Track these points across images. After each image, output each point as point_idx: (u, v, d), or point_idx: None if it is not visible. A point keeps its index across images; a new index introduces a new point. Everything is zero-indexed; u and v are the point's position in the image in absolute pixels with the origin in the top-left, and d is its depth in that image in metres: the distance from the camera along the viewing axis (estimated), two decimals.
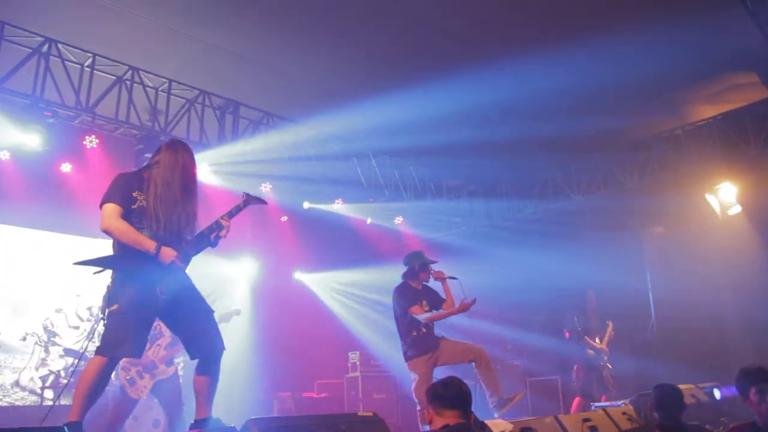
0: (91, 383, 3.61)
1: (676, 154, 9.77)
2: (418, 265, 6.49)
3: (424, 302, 6.38)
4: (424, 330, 6.29)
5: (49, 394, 8.62)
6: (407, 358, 6.28)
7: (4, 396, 8.40)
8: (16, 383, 8.58)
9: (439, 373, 5.42)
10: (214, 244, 4.10)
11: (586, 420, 5.37)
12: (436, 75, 8.20)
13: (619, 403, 6.51)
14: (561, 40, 7.20)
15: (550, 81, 8.22)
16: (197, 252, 4.10)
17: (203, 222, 4.13)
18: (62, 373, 8.82)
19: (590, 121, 9.28)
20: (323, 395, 10.43)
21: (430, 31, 7.38)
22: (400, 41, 7.53)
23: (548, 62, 7.80)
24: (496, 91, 8.39)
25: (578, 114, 9.05)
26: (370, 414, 4.21)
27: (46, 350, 8.90)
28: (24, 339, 8.74)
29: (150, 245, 3.76)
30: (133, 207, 3.86)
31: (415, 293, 6.41)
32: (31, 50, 7.07)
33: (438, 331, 6.46)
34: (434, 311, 6.37)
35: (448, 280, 6.49)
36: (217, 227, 4.06)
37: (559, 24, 7.24)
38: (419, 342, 6.23)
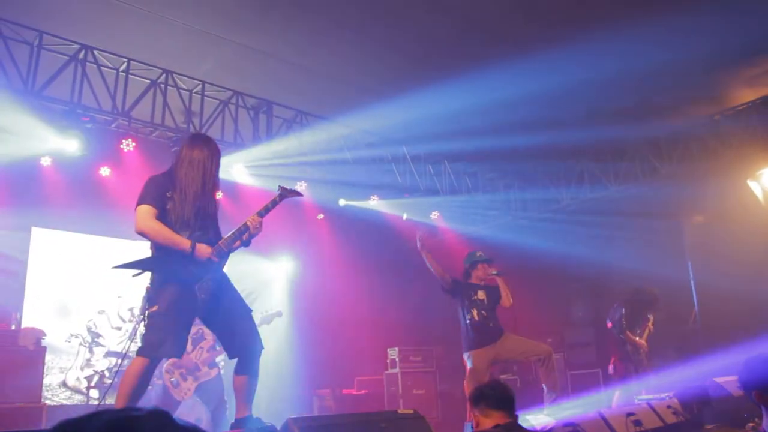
0: (134, 383, 3.66)
1: (715, 139, 9.53)
2: (468, 264, 6.69)
3: (480, 291, 6.54)
4: (476, 315, 6.38)
5: (94, 393, 8.79)
6: (465, 349, 6.38)
7: (52, 396, 8.59)
8: (63, 383, 8.78)
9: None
10: (246, 244, 4.11)
11: (630, 414, 5.29)
12: (469, 67, 8.12)
13: (664, 396, 6.38)
14: (596, 26, 7.07)
15: (585, 69, 8.07)
16: (232, 249, 4.11)
17: (240, 220, 4.15)
18: (106, 373, 8.99)
19: (626, 109, 9.12)
20: (363, 392, 10.45)
21: (462, 23, 7.31)
22: (432, 34, 7.47)
23: (583, 50, 7.66)
24: (529, 81, 8.28)
25: (614, 102, 8.90)
26: (411, 411, 4.19)
27: (91, 351, 9.08)
28: (69, 340, 8.93)
29: (185, 244, 3.78)
30: (167, 207, 3.89)
31: (466, 285, 6.65)
32: (68, 57, 7.20)
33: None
34: (485, 304, 6.52)
35: (496, 276, 6.70)
36: (245, 228, 4.06)
37: (594, 9, 7.10)
38: (474, 335, 6.32)
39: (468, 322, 6.38)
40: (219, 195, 4.22)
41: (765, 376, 3.12)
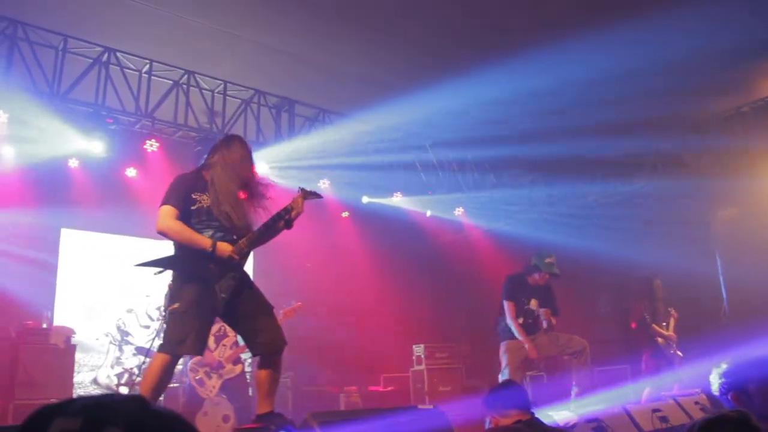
0: (155, 380, 3.71)
1: (743, 132, 9.35)
2: (533, 264, 6.55)
3: (533, 300, 6.45)
4: (521, 320, 6.36)
5: (124, 390, 8.92)
6: (501, 339, 6.37)
7: (84, 393, 8.73)
8: (95, 381, 8.92)
9: None
10: (289, 226, 4.07)
11: (656, 410, 5.22)
12: (491, 61, 8.06)
13: (692, 392, 6.29)
14: (622, 18, 7.00)
15: (612, 61, 7.98)
16: (269, 237, 4.11)
17: (260, 219, 4.15)
18: (135, 371, 9.12)
19: (653, 102, 8.99)
20: (389, 389, 10.45)
21: (484, 16, 7.26)
22: (453, 28, 7.44)
23: (609, 42, 7.57)
24: (555, 74, 8.20)
25: (641, 95, 8.78)
26: (431, 407, 4.19)
27: (120, 349, 9.21)
28: (98, 339, 9.08)
29: (205, 243, 3.81)
30: (192, 208, 3.91)
31: (522, 288, 6.48)
32: (92, 60, 7.31)
33: None
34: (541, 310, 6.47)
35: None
36: (286, 211, 4.02)
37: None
38: (511, 330, 6.32)
39: (521, 321, 6.38)
40: (256, 195, 4.19)
41: (748, 378, 3.00)
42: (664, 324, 8.55)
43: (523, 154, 10.92)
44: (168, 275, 3.92)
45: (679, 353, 8.49)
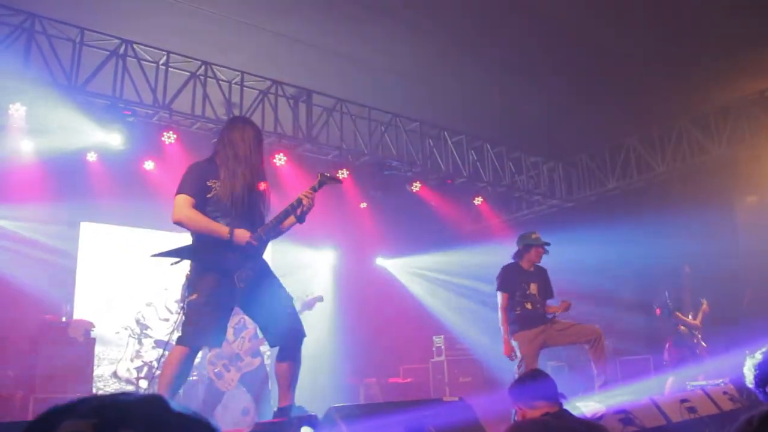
0: (174, 372, 3.64)
1: (766, 116, 9.17)
2: (522, 246, 6.42)
3: (533, 285, 6.31)
4: (529, 306, 6.21)
5: (144, 384, 8.94)
6: (511, 332, 6.22)
7: (104, 386, 8.77)
8: (114, 374, 8.95)
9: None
10: (301, 220, 4.01)
11: (684, 401, 5.12)
12: (507, 48, 7.98)
13: (719, 382, 6.17)
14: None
15: (627, 44, 7.85)
16: (281, 232, 4.06)
17: (277, 207, 4.08)
18: (155, 364, 9.14)
19: (672, 86, 8.84)
20: (409, 380, 10.40)
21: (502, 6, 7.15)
22: (470, 14, 7.32)
23: (625, 22, 7.45)
24: (568, 56, 8.09)
25: (661, 79, 8.63)
26: (456, 399, 4.12)
27: (140, 342, 9.24)
28: (118, 332, 9.10)
29: (223, 230, 3.74)
30: (208, 196, 3.83)
31: (518, 275, 6.33)
32: (108, 52, 7.28)
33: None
34: (537, 298, 6.32)
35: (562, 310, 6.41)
36: (297, 204, 3.95)
37: None
38: (522, 318, 6.18)
39: (518, 312, 6.23)
40: (263, 186, 4.12)
41: None
42: (691, 314, 8.42)
43: (541, 143, 10.81)
44: (186, 266, 3.86)
45: (703, 343, 8.36)
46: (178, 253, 3.76)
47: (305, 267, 11.11)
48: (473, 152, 10.55)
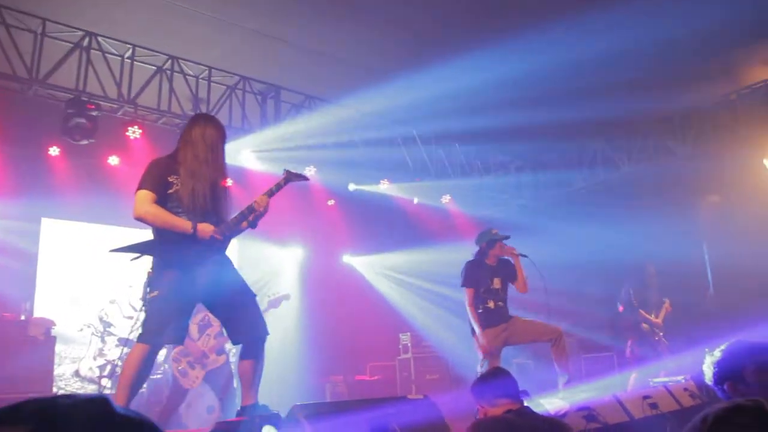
0: (135, 371, 3.59)
1: (730, 118, 9.35)
2: (485, 243, 6.42)
3: (496, 279, 6.33)
4: (491, 305, 6.22)
5: (106, 383, 8.79)
6: (472, 333, 6.23)
7: (66, 385, 8.60)
8: (76, 373, 8.78)
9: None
10: (253, 225, 4.00)
11: (646, 397, 5.19)
12: (477, 48, 7.98)
13: (680, 378, 6.27)
14: (606, 4, 6.93)
15: (597, 49, 7.92)
16: (237, 233, 4.03)
17: (243, 203, 4.05)
18: (118, 363, 8.99)
19: (639, 89, 8.95)
20: (376, 378, 10.39)
21: (469, 1, 7.17)
22: (439, 13, 7.33)
23: (594, 28, 7.51)
24: (539, 62, 8.14)
25: (626, 82, 8.73)
26: (421, 397, 4.11)
27: (103, 340, 9.07)
28: (81, 330, 8.93)
29: (186, 225, 3.70)
30: (169, 192, 3.79)
31: (482, 271, 6.34)
32: (72, 45, 7.14)
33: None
34: (500, 293, 6.34)
35: (520, 258, 6.44)
36: (249, 210, 3.94)
37: None
38: (484, 317, 6.18)
39: (481, 310, 6.24)
40: (229, 182, 4.09)
41: (743, 366, 2.87)
42: (653, 312, 8.55)
43: (509, 142, 10.87)
44: (148, 263, 3.80)
45: (665, 341, 8.50)
46: (139, 249, 3.70)
47: (271, 264, 11.02)
48: (442, 151, 10.58)
